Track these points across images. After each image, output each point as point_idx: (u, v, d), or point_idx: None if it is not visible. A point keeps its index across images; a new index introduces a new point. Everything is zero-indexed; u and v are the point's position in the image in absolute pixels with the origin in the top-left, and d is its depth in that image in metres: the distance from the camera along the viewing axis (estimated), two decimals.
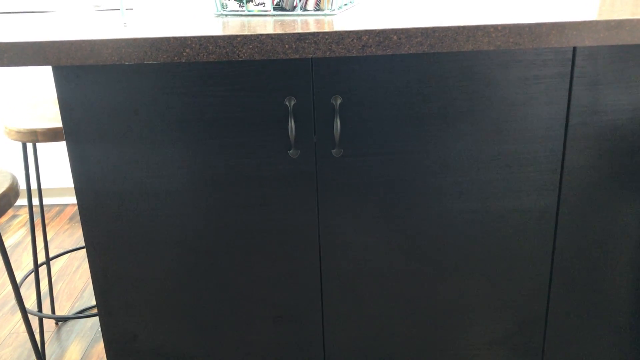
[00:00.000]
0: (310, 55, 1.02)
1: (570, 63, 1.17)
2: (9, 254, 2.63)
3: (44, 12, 1.59)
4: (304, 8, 1.26)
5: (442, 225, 1.28)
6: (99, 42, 1.02)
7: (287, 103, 1.18)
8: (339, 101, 1.18)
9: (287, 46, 1.02)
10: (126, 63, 1.03)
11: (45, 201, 3.12)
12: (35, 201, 3.05)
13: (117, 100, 1.16)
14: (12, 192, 1.40)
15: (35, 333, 2.07)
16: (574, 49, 1.16)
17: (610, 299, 1.36)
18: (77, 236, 2.76)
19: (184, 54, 1.03)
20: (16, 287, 1.51)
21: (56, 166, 2.97)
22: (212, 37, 1.01)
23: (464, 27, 1.01)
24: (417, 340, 1.38)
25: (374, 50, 1.02)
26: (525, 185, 1.26)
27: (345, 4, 1.35)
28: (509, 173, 1.25)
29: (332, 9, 1.26)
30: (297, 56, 1.02)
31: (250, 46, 1.03)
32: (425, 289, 1.33)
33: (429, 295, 1.34)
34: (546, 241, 1.31)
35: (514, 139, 1.22)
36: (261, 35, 1.02)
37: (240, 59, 1.02)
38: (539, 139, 1.22)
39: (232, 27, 1.12)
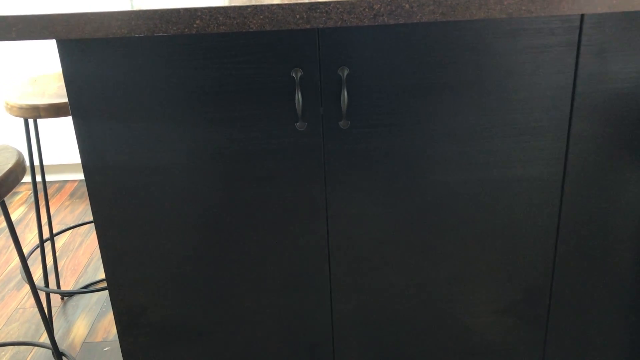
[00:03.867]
0: (322, 25, 1.02)
1: (577, 31, 1.17)
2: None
3: None
4: None
5: (448, 195, 1.29)
6: (107, 14, 1.01)
7: (293, 75, 1.18)
8: (345, 72, 1.18)
9: (298, 16, 1.02)
10: (136, 35, 1.02)
11: (46, 178, 3.11)
12: (37, 178, 3.04)
13: (122, 75, 1.16)
14: (19, 168, 1.40)
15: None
16: (582, 16, 1.15)
17: (616, 268, 1.37)
18: (78, 212, 2.76)
19: (195, 25, 1.02)
20: (25, 263, 1.52)
21: (56, 142, 2.95)
22: (223, 7, 1.00)
23: None
24: (422, 309, 1.39)
25: (385, 19, 1.02)
26: (532, 154, 1.26)
27: None
28: (516, 142, 1.25)
29: None
30: (308, 26, 1.02)
31: (261, 17, 1.02)
32: (431, 258, 1.35)
33: (435, 265, 1.35)
34: (552, 210, 1.32)
35: (521, 108, 1.22)
36: (272, 5, 1.01)
37: (250, 30, 1.02)
38: (545, 108, 1.22)
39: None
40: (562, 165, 1.28)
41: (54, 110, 1.75)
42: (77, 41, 1.12)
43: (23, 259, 1.51)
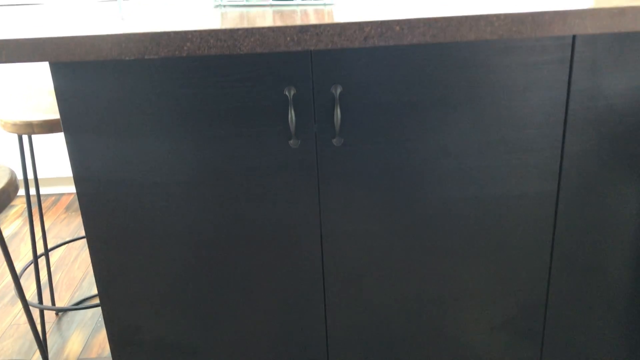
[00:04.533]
0: (312, 48, 1.02)
1: (570, 48, 1.17)
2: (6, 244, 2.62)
3: (38, 4, 1.57)
4: None
5: (443, 211, 1.28)
6: (98, 37, 1.01)
7: (286, 93, 1.18)
8: (339, 90, 1.18)
9: (288, 39, 1.02)
10: (126, 59, 1.02)
11: (41, 191, 3.10)
12: (32, 191, 3.03)
13: (115, 93, 1.15)
14: (12, 188, 1.39)
15: (36, 324, 2.08)
16: (574, 35, 1.16)
17: (611, 284, 1.37)
18: (74, 225, 2.75)
19: (185, 48, 1.02)
20: (17, 280, 1.51)
21: (51, 156, 2.95)
22: (213, 30, 1.00)
23: (466, 17, 1.01)
24: (418, 327, 1.39)
25: (376, 41, 1.02)
26: (526, 170, 1.26)
27: None
28: (509, 159, 1.25)
29: None
30: (299, 48, 1.01)
31: (252, 39, 1.02)
32: (426, 275, 1.34)
33: (430, 282, 1.35)
34: (546, 226, 1.32)
35: (514, 125, 1.22)
36: (262, 28, 1.01)
37: (241, 52, 1.01)
38: (539, 124, 1.22)
39: (232, 19, 1.11)
40: (556, 181, 1.28)
41: (48, 127, 1.75)
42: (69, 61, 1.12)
43: (15, 276, 1.50)
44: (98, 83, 1.14)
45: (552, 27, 1.02)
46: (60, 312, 2.16)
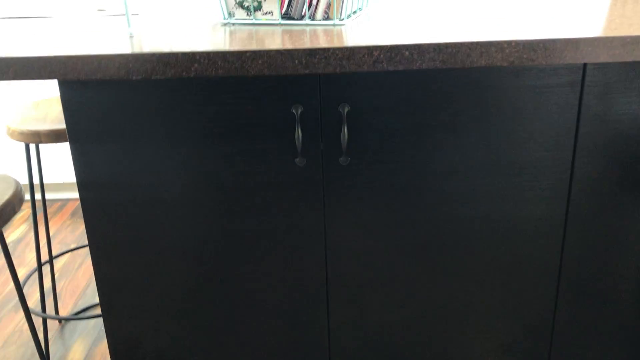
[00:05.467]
0: (320, 71, 1.01)
1: (581, 72, 1.16)
2: (11, 249, 2.63)
3: (47, 17, 1.57)
4: (312, 17, 1.24)
5: (449, 232, 1.27)
6: (105, 57, 1.00)
7: (294, 111, 1.17)
8: (346, 109, 1.17)
9: (297, 62, 1.01)
10: (134, 78, 1.01)
11: (47, 196, 3.11)
12: (38, 196, 3.03)
13: (122, 106, 1.15)
14: (16, 200, 1.39)
15: (39, 331, 2.07)
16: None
17: (619, 309, 1.35)
18: (79, 232, 2.75)
19: (192, 69, 1.01)
20: (20, 290, 1.51)
21: (58, 161, 2.95)
22: (221, 52, 1.00)
23: (477, 43, 1.00)
24: (423, 347, 1.38)
25: (385, 65, 1.01)
26: (535, 193, 1.25)
27: (355, 11, 1.33)
28: (518, 181, 1.24)
29: (342, 18, 1.24)
30: (307, 72, 1.01)
31: (260, 61, 1.01)
32: (432, 295, 1.33)
33: (436, 302, 1.33)
34: (554, 249, 1.30)
35: (523, 147, 1.21)
36: (271, 50, 1.00)
37: (249, 75, 1.01)
38: (549, 147, 1.21)
39: (240, 38, 1.10)
40: (564, 205, 1.27)
41: (55, 136, 1.75)
42: None
43: (18, 287, 1.50)
44: (105, 96, 1.14)
45: (564, 55, 1.01)
46: (63, 320, 2.16)
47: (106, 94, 1.14)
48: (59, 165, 2.95)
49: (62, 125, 1.75)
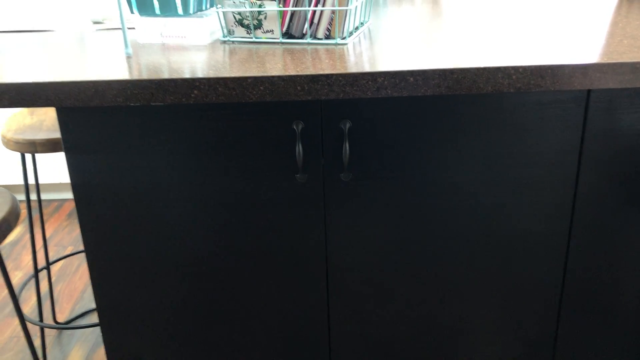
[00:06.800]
0: (323, 97, 0.99)
1: (586, 89, 1.14)
2: (7, 252, 2.61)
3: (45, 31, 1.54)
4: (314, 35, 1.22)
5: (452, 247, 1.26)
6: (103, 83, 0.98)
7: (295, 127, 1.15)
8: (348, 125, 1.15)
9: (299, 88, 0.99)
10: (132, 105, 0.99)
11: (44, 196, 3.08)
12: (33, 196, 3.01)
13: (120, 122, 1.13)
14: (12, 216, 1.37)
15: (36, 338, 2.06)
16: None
17: (622, 326, 1.35)
18: (76, 233, 2.73)
19: (192, 95, 0.99)
20: (15, 299, 1.49)
21: (54, 161, 2.92)
22: (222, 78, 0.97)
23: (483, 69, 0.97)
24: None
25: (389, 92, 0.99)
26: (538, 208, 1.24)
27: (357, 27, 1.30)
28: (521, 196, 1.22)
29: (343, 36, 1.21)
30: (309, 98, 0.98)
31: (261, 87, 0.99)
32: (434, 310, 1.32)
33: (438, 317, 1.33)
34: (557, 265, 1.29)
35: (527, 162, 1.19)
36: (272, 76, 0.98)
37: (250, 101, 0.99)
38: (553, 163, 1.19)
39: (240, 59, 1.08)
40: (568, 221, 1.25)
41: (51, 146, 1.72)
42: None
43: (13, 296, 1.48)
44: (103, 111, 1.11)
45: (572, 81, 0.99)
46: (59, 328, 2.14)
47: (105, 111, 1.11)
48: (55, 165, 2.92)
49: (59, 134, 1.73)
